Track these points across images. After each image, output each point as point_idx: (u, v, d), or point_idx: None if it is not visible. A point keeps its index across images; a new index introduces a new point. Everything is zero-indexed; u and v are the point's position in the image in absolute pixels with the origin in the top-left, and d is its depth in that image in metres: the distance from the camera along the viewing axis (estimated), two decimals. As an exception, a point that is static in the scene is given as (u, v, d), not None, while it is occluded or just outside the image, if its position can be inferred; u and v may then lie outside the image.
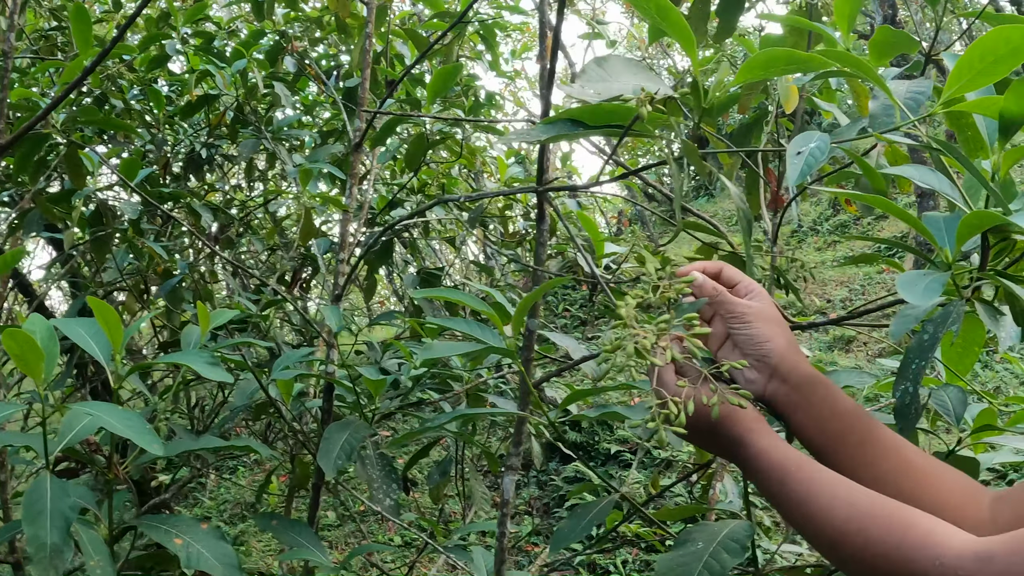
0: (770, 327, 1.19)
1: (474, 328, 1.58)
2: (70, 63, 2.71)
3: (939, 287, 1.17)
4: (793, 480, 1.06)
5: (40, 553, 1.35)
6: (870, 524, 0.98)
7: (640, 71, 1.33)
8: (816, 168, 1.21)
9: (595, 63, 1.31)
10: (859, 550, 0.97)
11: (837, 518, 1.01)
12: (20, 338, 1.33)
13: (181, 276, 3.37)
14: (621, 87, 1.28)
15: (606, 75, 1.30)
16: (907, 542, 0.94)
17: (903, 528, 0.95)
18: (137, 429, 1.36)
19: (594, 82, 1.28)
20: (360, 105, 2.68)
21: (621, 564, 6.12)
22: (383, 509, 2.16)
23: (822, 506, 1.03)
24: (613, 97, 1.27)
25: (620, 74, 1.31)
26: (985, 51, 1.14)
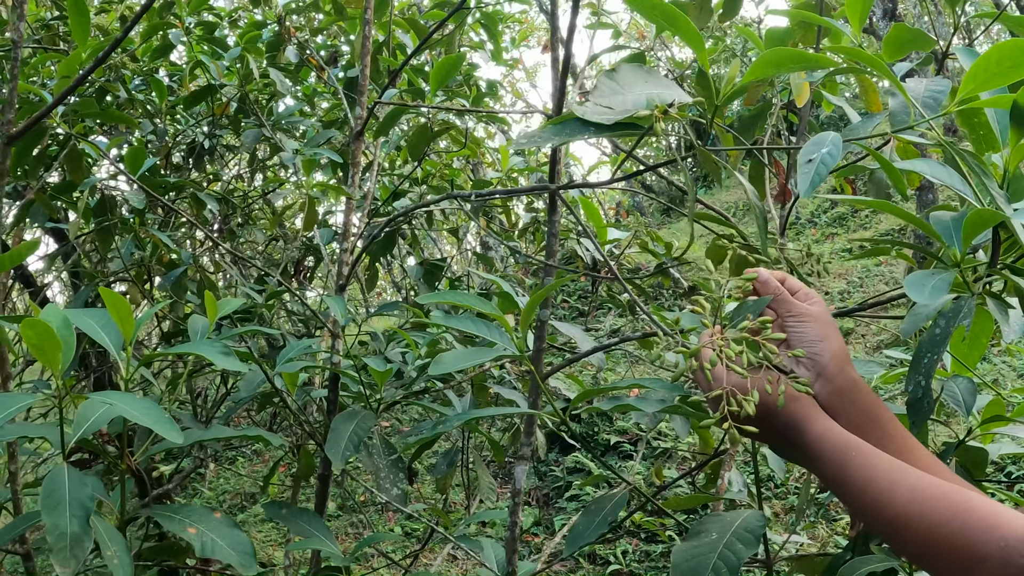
0: (824, 329, 1.21)
1: (481, 327, 1.58)
2: (69, 56, 2.71)
3: (946, 286, 1.20)
4: (853, 464, 1.08)
5: (60, 543, 1.36)
6: (932, 507, 0.99)
7: (652, 78, 1.33)
8: (828, 175, 1.22)
9: (607, 76, 1.31)
10: (922, 533, 0.99)
11: (898, 502, 1.02)
12: (39, 327, 1.33)
13: (185, 267, 3.38)
14: (635, 99, 1.28)
15: (619, 87, 1.30)
16: (971, 524, 0.95)
17: (965, 510, 0.96)
18: (156, 417, 1.36)
19: (607, 96, 1.28)
20: (361, 93, 2.68)
21: (621, 554, 6.14)
22: (390, 498, 2.17)
23: (883, 490, 1.04)
24: (627, 113, 1.26)
25: (632, 85, 1.31)
26: (1003, 56, 1.17)
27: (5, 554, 2.49)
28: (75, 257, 4.10)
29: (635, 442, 7.21)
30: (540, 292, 1.48)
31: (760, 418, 1.15)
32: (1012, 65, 1.17)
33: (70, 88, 2.08)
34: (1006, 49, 1.16)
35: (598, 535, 1.48)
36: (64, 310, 1.56)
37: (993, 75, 1.19)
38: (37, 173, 3.04)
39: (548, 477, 7.26)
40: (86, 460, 2.75)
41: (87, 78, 2.13)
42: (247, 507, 7.47)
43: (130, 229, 3.30)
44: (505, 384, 3.01)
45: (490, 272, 5.00)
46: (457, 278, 4.31)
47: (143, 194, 3.06)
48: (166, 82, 3.90)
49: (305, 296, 3.74)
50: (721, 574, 1.26)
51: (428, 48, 3.89)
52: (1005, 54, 1.16)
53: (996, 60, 1.17)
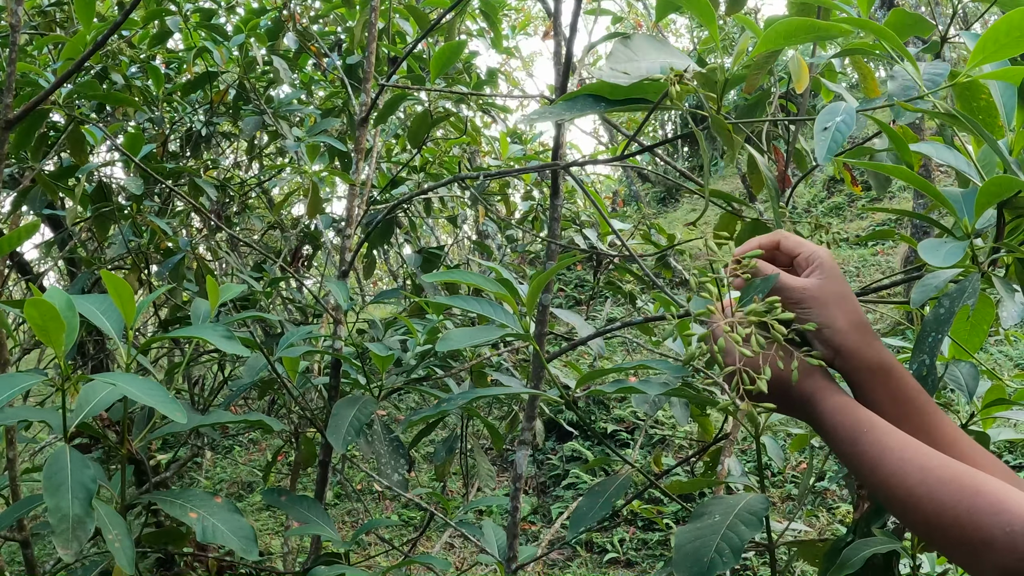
0: (829, 310, 1.16)
1: (486, 307, 1.57)
2: (72, 38, 2.70)
3: (960, 252, 1.19)
4: (865, 441, 1.07)
5: (63, 525, 1.36)
6: (940, 489, 0.98)
7: (664, 48, 1.34)
8: (844, 142, 1.21)
9: (621, 43, 1.31)
10: (930, 515, 0.99)
11: (908, 482, 1.01)
12: (43, 308, 1.33)
13: (183, 254, 3.37)
14: (649, 66, 1.28)
15: (633, 55, 1.30)
16: (978, 507, 0.94)
17: (973, 493, 0.96)
18: (160, 399, 1.36)
19: (623, 63, 1.28)
20: (365, 80, 2.68)
21: (618, 542, 6.15)
22: (391, 484, 2.17)
23: (894, 470, 1.03)
24: (643, 77, 1.27)
25: (647, 52, 1.31)
26: (1012, 25, 1.16)
27: (3, 541, 2.49)
28: (72, 244, 4.10)
29: (632, 430, 7.22)
30: (544, 274, 1.47)
31: (775, 393, 1.15)
32: (1022, 35, 1.16)
33: (69, 72, 2.07)
34: (1016, 18, 1.15)
35: (600, 518, 1.48)
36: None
37: (1002, 46, 1.18)
38: (39, 157, 3.03)
39: (545, 465, 7.27)
40: (86, 445, 2.75)
41: (86, 62, 2.12)
42: (244, 496, 7.47)
43: (128, 216, 3.29)
44: (502, 371, 3.02)
45: (488, 260, 5.00)
46: (455, 266, 4.30)
47: (141, 180, 3.06)
48: (163, 70, 3.90)
49: (304, 283, 3.74)
50: (724, 556, 1.26)
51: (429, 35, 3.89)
52: (1015, 23, 1.15)
53: (1005, 30, 1.16)
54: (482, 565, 5.78)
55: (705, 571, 1.26)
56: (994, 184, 1.15)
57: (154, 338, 1.79)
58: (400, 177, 4.00)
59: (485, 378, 2.82)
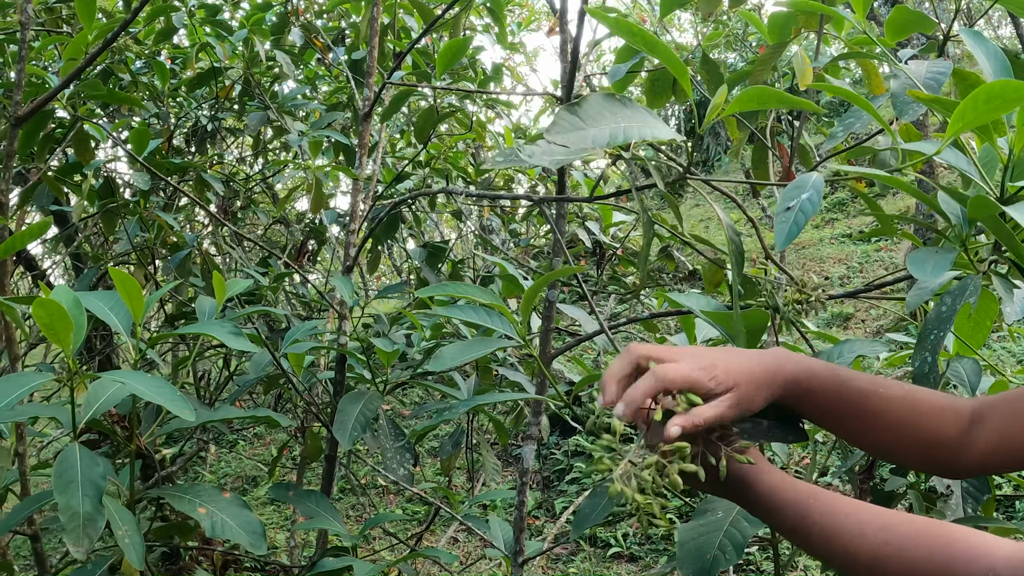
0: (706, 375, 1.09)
1: (482, 316, 1.58)
2: (75, 37, 2.71)
3: (948, 264, 1.20)
4: (815, 513, 1.03)
5: (73, 522, 1.37)
6: (909, 545, 0.95)
7: (624, 110, 1.18)
8: (806, 223, 1.14)
9: (567, 110, 1.15)
10: (902, 572, 0.94)
11: (870, 544, 0.98)
12: (51, 307, 1.34)
13: (190, 249, 3.39)
14: (596, 136, 1.14)
15: (580, 122, 1.14)
16: (955, 558, 0.91)
17: (944, 544, 0.92)
18: (168, 396, 1.38)
19: (564, 133, 1.13)
20: (368, 75, 2.69)
21: (622, 537, 6.17)
22: (397, 478, 2.19)
23: (853, 535, 0.99)
24: (583, 154, 1.15)
25: (598, 119, 1.16)
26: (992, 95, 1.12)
27: (13, 535, 2.51)
28: (79, 241, 4.11)
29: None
30: (542, 279, 1.49)
31: (709, 483, 1.10)
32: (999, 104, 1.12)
33: (78, 70, 2.09)
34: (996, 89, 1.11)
35: (604, 517, 1.49)
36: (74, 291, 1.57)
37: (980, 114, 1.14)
38: (44, 155, 3.05)
39: (549, 460, 7.28)
40: (94, 442, 2.77)
41: (94, 60, 2.14)
42: (248, 490, 7.50)
43: (134, 212, 3.30)
44: (507, 365, 3.03)
45: (492, 255, 5.01)
46: (459, 261, 4.31)
47: (147, 176, 3.07)
48: (168, 65, 3.91)
49: (309, 279, 3.75)
50: (727, 552, 1.28)
51: (433, 31, 3.90)
52: (995, 93, 1.11)
53: (984, 99, 1.12)
54: (487, 560, 5.80)
55: (708, 567, 1.27)
56: (979, 200, 1.15)
57: (162, 334, 1.80)
58: (405, 172, 4.01)
59: (490, 372, 2.83)
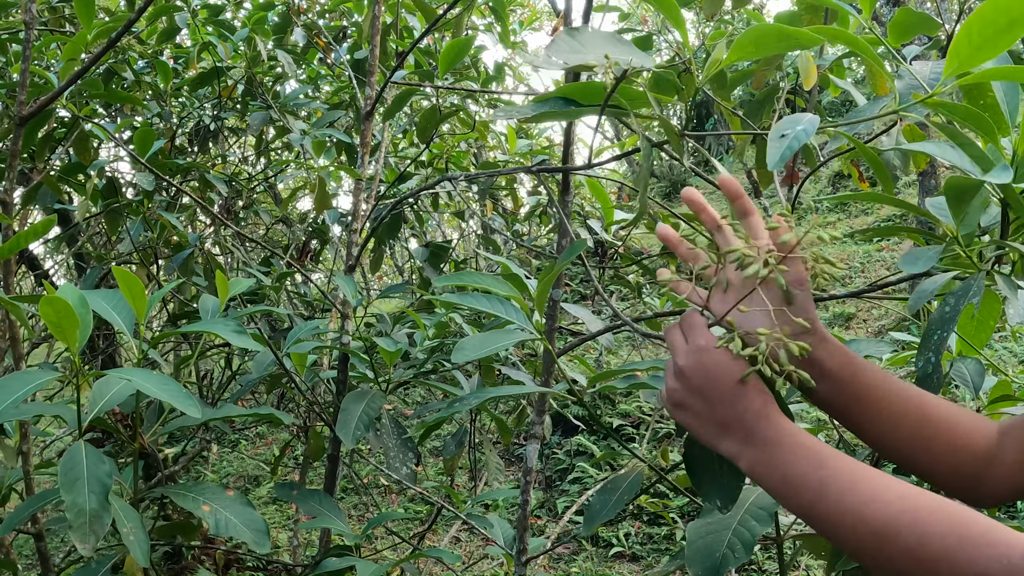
0: (805, 297, 1.10)
1: (496, 306, 1.57)
2: (74, 38, 2.71)
3: (934, 258, 1.23)
4: (832, 466, 0.99)
5: (80, 519, 1.38)
6: (927, 518, 0.91)
7: (617, 44, 1.26)
8: (797, 150, 1.13)
9: (566, 33, 1.24)
10: (913, 545, 0.90)
11: (885, 510, 0.93)
12: (58, 305, 1.35)
13: (192, 248, 3.39)
14: (591, 57, 1.21)
15: (579, 45, 1.23)
16: (969, 539, 0.88)
17: (962, 525, 0.89)
18: (174, 393, 1.38)
19: (564, 52, 1.21)
20: (370, 74, 2.69)
21: (624, 537, 6.17)
22: (400, 477, 2.19)
23: (868, 498, 0.95)
24: (580, 66, 1.21)
25: (593, 46, 1.24)
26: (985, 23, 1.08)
27: (16, 534, 2.52)
28: (83, 241, 4.12)
29: (637, 425, 7.23)
30: (554, 270, 1.49)
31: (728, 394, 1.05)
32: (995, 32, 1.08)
33: (83, 69, 2.09)
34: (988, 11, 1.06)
35: (614, 514, 1.49)
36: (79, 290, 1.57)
37: (977, 48, 1.11)
38: (44, 155, 3.05)
39: (551, 460, 7.29)
40: (98, 440, 2.77)
41: (99, 60, 2.14)
42: (250, 490, 7.50)
43: (137, 211, 3.31)
44: (509, 364, 3.03)
45: (494, 254, 5.01)
46: (462, 261, 4.32)
47: (151, 176, 3.07)
48: (171, 64, 3.91)
49: (311, 278, 3.76)
50: (736, 550, 1.28)
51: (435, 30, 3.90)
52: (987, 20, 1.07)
53: (978, 28, 1.08)
54: (489, 559, 5.80)
55: (717, 566, 1.28)
56: (954, 186, 1.15)
57: (165, 333, 1.81)
58: (408, 172, 4.02)
59: (493, 371, 2.83)
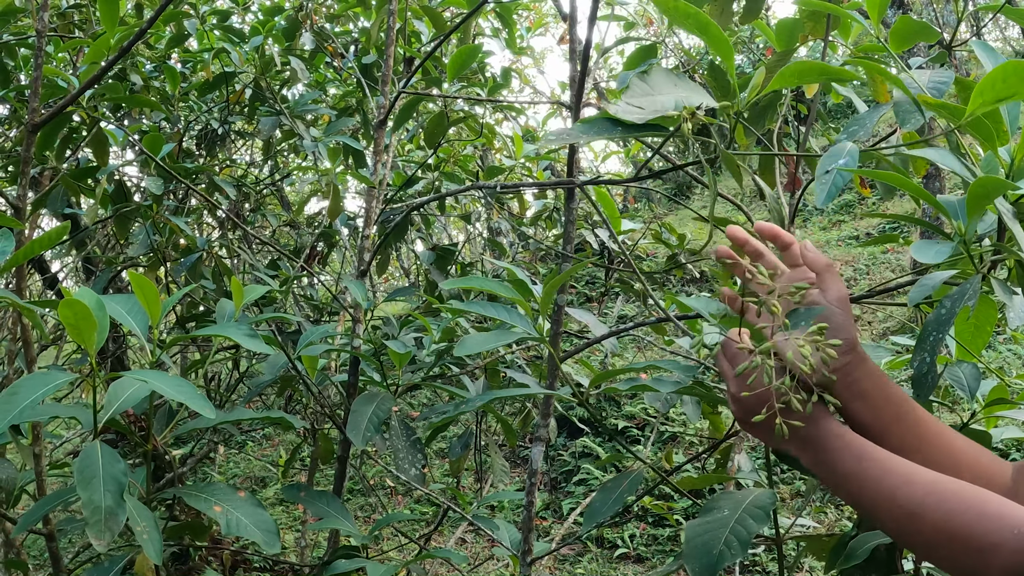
0: (846, 316, 1.23)
1: (501, 312, 1.61)
2: (96, 41, 2.75)
3: (948, 251, 1.26)
4: (870, 458, 1.13)
5: (95, 516, 1.41)
6: (950, 498, 1.04)
7: (680, 83, 1.36)
8: (844, 185, 1.25)
9: (639, 78, 1.33)
10: (938, 522, 1.04)
11: (917, 493, 1.07)
12: (77, 307, 1.38)
13: (201, 252, 3.42)
14: (665, 101, 1.30)
15: (650, 89, 1.32)
16: (987, 514, 1.01)
17: (980, 503, 1.03)
18: (189, 395, 1.41)
19: (639, 97, 1.30)
20: (383, 82, 2.72)
21: (628, 538, 6.19)
22: (409, 479, 2.22)
23: (901, 482, 1.09)
24: (658, 113, 1.29)
25: (663, 87, 1.33)
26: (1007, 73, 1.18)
27: (26, 534, 2.55)
28: (92, 245, 4.15)
29: (642, 427, 7.25)
30: (558, 278, 1.51)
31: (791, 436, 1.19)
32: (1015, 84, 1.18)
33: (96, 77, 2.12)
34: (1010, 68, 1.17)
35: (614, 512, 1.52)
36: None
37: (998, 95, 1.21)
38: (63, 158, 3.09)
39: (556, 462, 7.31)
40: (112, 441, 2.79)
41: (113, 66, 2.17)
42: (257, 491, 7.52)
43: (146, 215, 3.34)
44: (514, 367, 3.06)
45: (500, 258, 5.04)
46: (468, 264, 4.35)
47: (160, 180, 3.10)
48: (179, 69, 3.95)
49: (316, 282, 3.79)
50: (732, 548, 1.31)
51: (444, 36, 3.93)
52: (1010, 72, 1.17)
53: (1001, 78, 1.18)
54: (495, 560, 5.83)
55: (714, 562, 1.31)
56: (980, 185, 1.19)
57: (180, 336, 1.84)
58: (415, 176, 4.05)
59: (499, 375, 2.86)
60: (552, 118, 5.65)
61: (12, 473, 2.33)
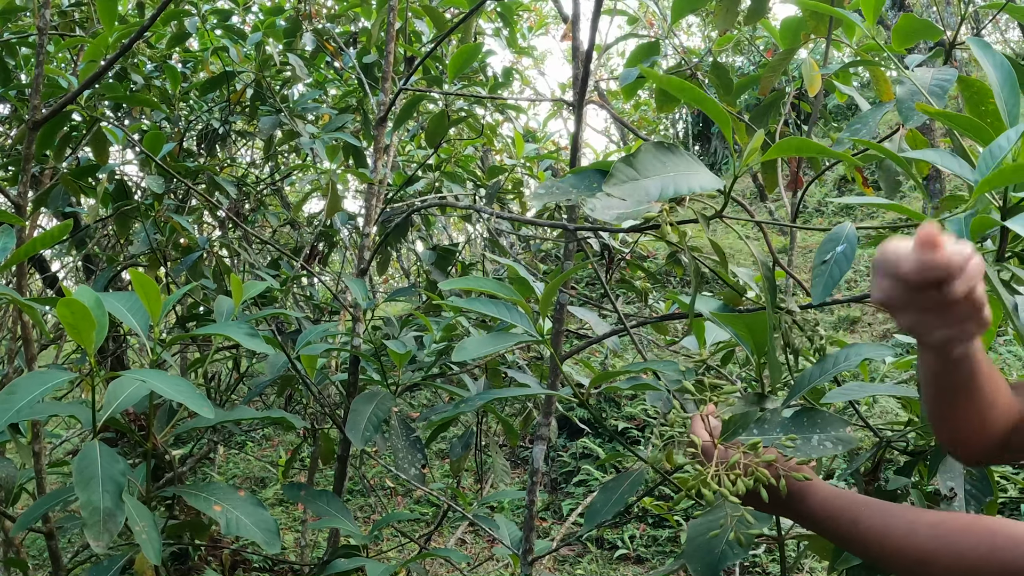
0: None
1: (502, 310, 1.61)
2: (95, 40, 2.74)
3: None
4: (866, 516, 1.15)
5: (94, 517, 1.40)
6: (958, 538, 1.04)
7: (672, 159, 1.25)
8: (842, 276, 1.23)
9: (624, 163, 1.21)
10: (951, 564, 1.04)
11: (921, 540, 1.08)
12: (75, 307, 1.37)
13: (201, 251, 3.42)
14: (649, 189, 1.20)
15: (635, 174, 1.21)
16: (999, 546, 1.01)
17: (989, 535, 1.02)
18: (189, 394, 1.41)
19: (621, 185, 1.19)
20: (384, 80, 2.71)
21: (629, 539, 6.19)
22: (409, 478, 2.22)
23: (904, 533, 1.10)
24: (639, 207, 1.19)
25: (651, 171, 1.22)
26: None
27: (26, 532, 2.54)
28: (92, 244, 4.14)
29: (642, 428, 7.24)
30: (558, 278, 1.51)
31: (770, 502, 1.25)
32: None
33: (96, 75, 2.12)
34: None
35: (615, 512, 1.52)
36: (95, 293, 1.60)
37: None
38: (62, 157, 3.08)
39: (556, 462, 7.30)
40: (111, 440, 2.79)
41: (113, 65, 2.17)
42: (257, 491, 7.52)
43: (147, 214, 3.34)
44: (515, 367, 3.05)
45: (501, 258, 5.03)
46: (469, 263, 4.34)
47: (162, 179, 3.10)
48: (179, 68, 3.94)
49: (316, 281, 3.78)
50: (734, 548, 1.31)
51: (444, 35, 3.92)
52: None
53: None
54: (495, 560, 5.82)
55: (716, 562, 1.30)
56: (979, 222, 1.18)
57: (180, 336, 1.83)
58: (416, 175, 4.04)
59: (499, 375, 2.85)
60: (553, 118, 5.65)
61: (12, 471, 2.32)
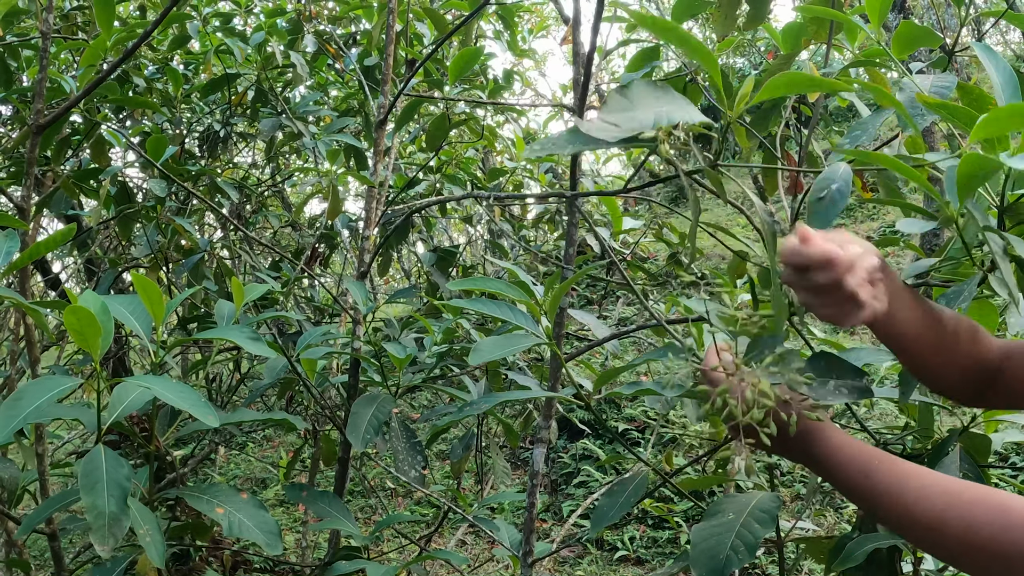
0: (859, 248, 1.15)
1: (505, 311, 1.61)
2: (93, 43, 2.75)
3: (929, 226, 1.33)
4: (878, 472, 1.10)
5: (99, 521, 1.41)
6: (971, 510, 1.01)
7: (664, 96, 1.28)
8: (837, 212, 1.24)
9: (617, 92, 1.26)
10: (961, 536, 1.01)
11: (933, 506, 1.04)
12: (82, 314, 1.39)
13: (203, 253, 3.43)
14: (643, 117, 1.22)
15: (629, 104, 1.24)
16: (1012, 525, 0.98)
17: (1002, 511, 0.99)
18: (191, 401, 1.41)
19: (616, 112, 1.23)
20: (384, 82, 2.72)
21: (628, 540, 6.19)
22: (409, 480, 2.23)
23: (917, 497, 1.06)
24: (633, 132, 1.22)
25: (643, 102, 1.25)
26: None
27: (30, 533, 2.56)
28: (95, 246, 4.15)
29: (642, 430, 7.25)
30: (563, 284, 1.52)
31: (777, 440, 1.16)
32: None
33: (100, 79, 2.13)
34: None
35: (621, 516, 1.52)
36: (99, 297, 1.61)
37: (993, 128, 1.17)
38: (61, 160, 3.09)
39: (557, 464, 7.31)
40: (114, 443, 2.80)
41: (116, 69, 2.18)
42: (258, 492, 7.53)
43: (150, 217, 3.35)
44: (515, 369, 3.06)
45: (501, 260, 5.04)
46: (469, 265, 4.35)
47: (164, 182, 3.11)
48: (180, 70, 3.95)
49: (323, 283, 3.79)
50: (739, 553, 1.31)
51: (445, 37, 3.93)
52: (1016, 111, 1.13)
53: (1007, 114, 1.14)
54: (495, 562, 5.83)
55: (721, 567, 1.31)
56: (968, 163, 1.17)
57: (182, 339, 1.84)
58: (417, 177, 4.05)
59: (500, 376, 2.86)
60: (553, 120, 5.66)
61: (15, 473, 2.33)
